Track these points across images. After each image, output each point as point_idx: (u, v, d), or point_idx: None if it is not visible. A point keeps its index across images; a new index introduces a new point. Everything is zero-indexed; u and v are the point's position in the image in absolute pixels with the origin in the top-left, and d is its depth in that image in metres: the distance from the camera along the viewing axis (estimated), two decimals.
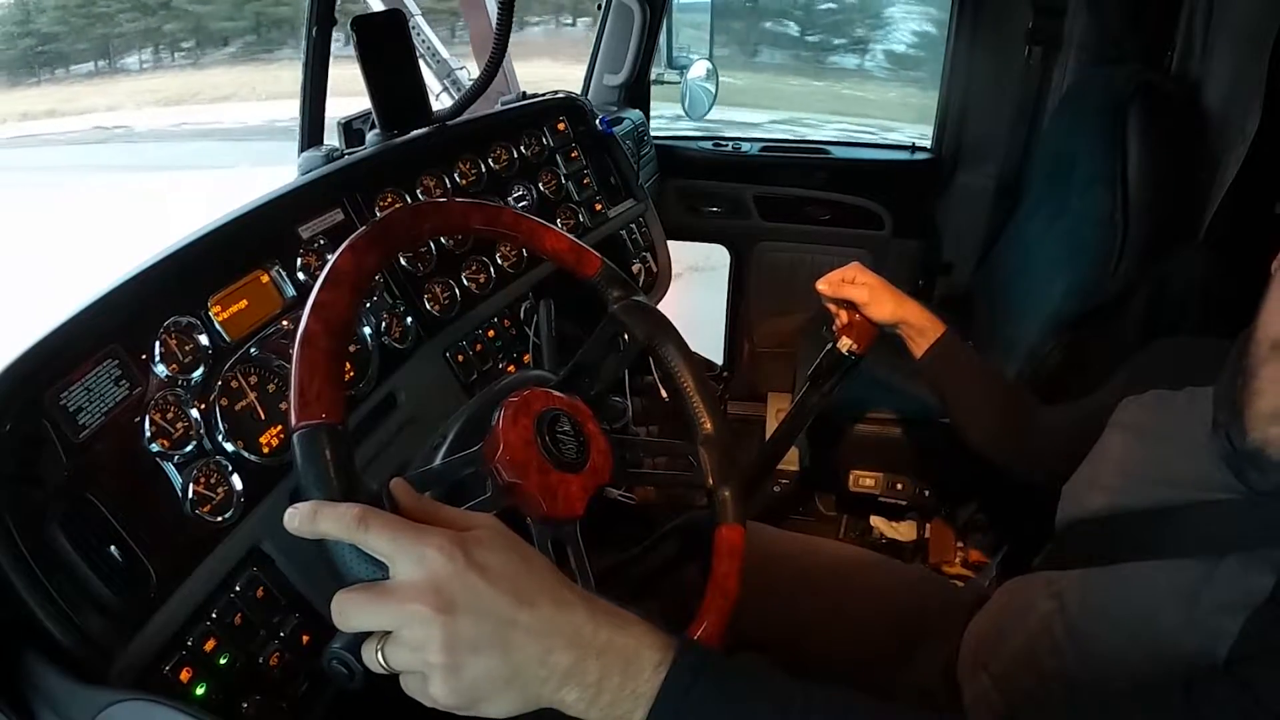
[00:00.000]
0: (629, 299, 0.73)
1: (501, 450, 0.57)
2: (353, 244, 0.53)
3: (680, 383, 0.74)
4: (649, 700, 0.42)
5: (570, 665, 0.41)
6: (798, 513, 1.70)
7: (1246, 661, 0.50)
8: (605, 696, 0.42)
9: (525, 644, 0.41)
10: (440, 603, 0.40)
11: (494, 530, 0.44)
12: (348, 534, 0.41)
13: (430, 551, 0.40)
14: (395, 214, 0.57)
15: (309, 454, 0.44)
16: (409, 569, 0.40)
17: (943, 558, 1.51)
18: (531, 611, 0.41)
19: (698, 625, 0.65)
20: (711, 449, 0.73)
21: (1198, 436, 0.63)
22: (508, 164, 1.17)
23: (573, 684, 0.41)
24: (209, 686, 0.62)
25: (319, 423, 0.45)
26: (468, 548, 0.41)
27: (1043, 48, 1.69)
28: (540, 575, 0.43)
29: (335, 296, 0.50)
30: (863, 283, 0.91)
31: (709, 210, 1.99)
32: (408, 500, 0.45)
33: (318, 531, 0.42)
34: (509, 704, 0.41)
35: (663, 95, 1.93)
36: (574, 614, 0.42)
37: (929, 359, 0.91)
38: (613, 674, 0.42)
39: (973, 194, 1.87)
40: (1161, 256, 1.23)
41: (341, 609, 0.41)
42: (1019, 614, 0.74)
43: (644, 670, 0.42)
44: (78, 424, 0.60)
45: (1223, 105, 1.25)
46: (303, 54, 1.12)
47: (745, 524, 0.71)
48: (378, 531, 0.41)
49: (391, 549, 0.41)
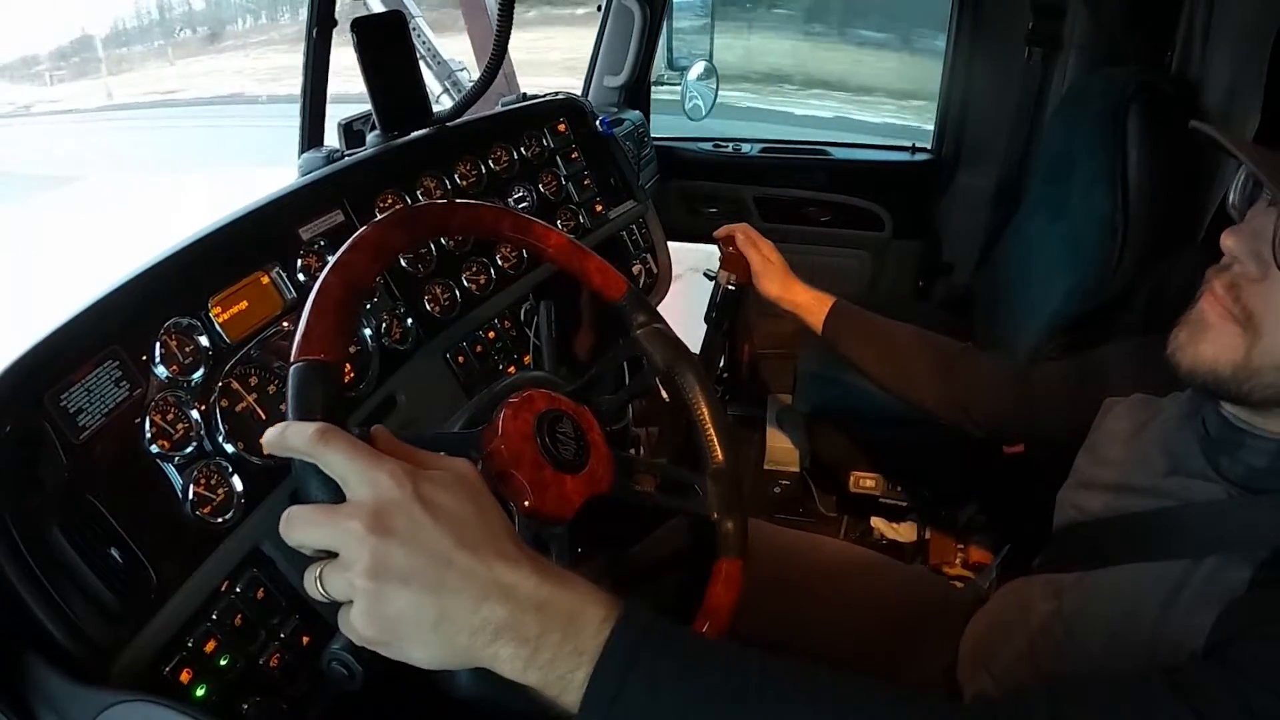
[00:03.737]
0: (652, 325, 0.74)
1: (498, 437, 0.57)
2: (382, 220, 0.55)
3: (696, 412, 0.75)
4: (592, 658, 0.40)
5: (505, 618, 0.39)
6: (798, 513, 1.70)
7: (1224, 644, 0.50)
8: (544, 654, 0.39)
9: (458, 587, 0.39)
10: (377, 525, 0.39)
11: (458, 474, 0.43)
12: (308, 448, 0.41)
13: (382, 476, 0.40)
14: (429, 205, 0.59)
15: (300, 384, 0.45)
16: (358, 490, 0.40)
17: (943, 559, 1.51)
18: (471, 555, 0.40)
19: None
20: (719, 482, 0.73)
21: (1186, 436, 0.64)
22: (508, 165, 1.17)
23: (507, 638, 0.39)
24: (209, 687, 0.62)
25: (316, 359, 0.46)
26: (419, 480, 0.41)
27: (1043, 49, 1.69)
28: (490, 527, 0.42)
29: (357, 258, 0.51)
30: (763, 254, 1.01)
31: (709, 211, 1.99)
32: (382, 438, 0.45)
33: (285, 445, 0.42)
34: (434, 650, 0.40)
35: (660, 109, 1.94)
36: (516, 567, 0.41)
37: (827, 330, 0.96)
38: (552, 630, 0.40)
39: (973, 195, 1.87)
40: (1161, 257, 1.23)
41: (288, 521, 0.41)
42: (1019, 615, 0.74)
43: (587, 627, 0.40)
44: (78, 425, 0.60)
45: (1223, 105, 1.25)
46: (303, 54, 1.13)
47: (745, 557, 0.71)
48: (335, 449, 0.41)
49: (346, 469, 0.41)
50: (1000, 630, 0.77)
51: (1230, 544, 0.56)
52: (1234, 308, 0.54)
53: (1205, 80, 1.30)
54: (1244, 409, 0.59)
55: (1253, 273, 0.53)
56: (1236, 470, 0.59)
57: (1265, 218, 0.53)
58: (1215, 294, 0.56)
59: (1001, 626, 0.77)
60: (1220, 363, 0.55)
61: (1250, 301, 0.54)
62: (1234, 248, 0.54)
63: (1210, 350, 0.56)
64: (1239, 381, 0.55)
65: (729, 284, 1.05)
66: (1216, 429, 0.61)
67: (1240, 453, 0.59)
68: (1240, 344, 0.54)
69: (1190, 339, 0.57)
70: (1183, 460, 0.63)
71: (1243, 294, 0.54)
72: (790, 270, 1.01)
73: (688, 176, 1.98)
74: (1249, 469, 0.58)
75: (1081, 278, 1.28)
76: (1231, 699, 0.43)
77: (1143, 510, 0.65)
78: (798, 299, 0.99)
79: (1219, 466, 0.60)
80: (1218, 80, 1.27)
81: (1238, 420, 0.59)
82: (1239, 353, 0.54)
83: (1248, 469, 0.58)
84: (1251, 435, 0.58)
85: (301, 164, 0.99)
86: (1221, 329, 0.55)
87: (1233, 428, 0.60)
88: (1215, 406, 0.61)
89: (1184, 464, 0.63)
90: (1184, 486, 0.62)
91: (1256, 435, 0.58)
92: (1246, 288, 0.54)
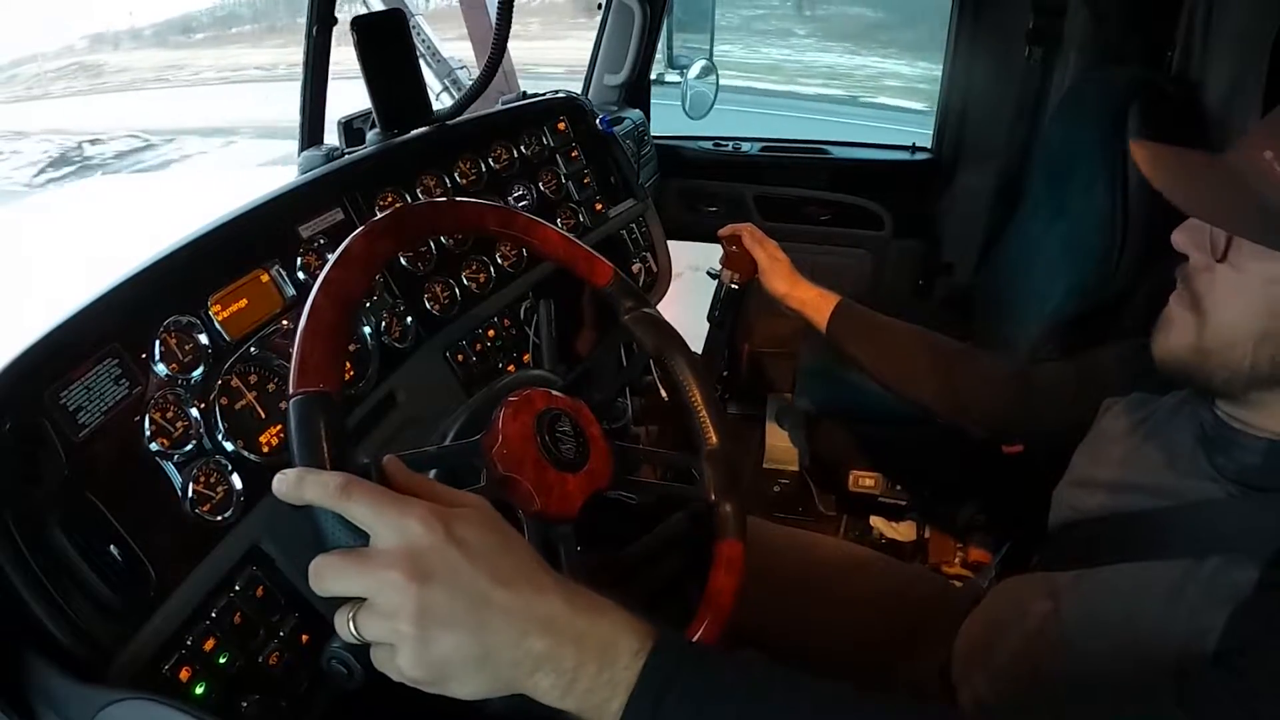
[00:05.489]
0: (640, 310, 0.73)
1: (500, 443, 0.57)
2: (368, 229, 0.53)
3: (688, 396, 0.74)
4: (627, 688, 0.41)
5: (545, 650, 0.40)
6: (797, 512, 1.70)
7: (1235, 652, 0.50)
8: (581, 684, 0.40)
9: (499, 624, 0.40)
10: (416, 572, 0.39)
11: (479, 509, 0.44)
12: (330, 501, 0.41)
13: (411, 522, 0.40)
14: (413, 206, 0.58)
15: (302, 421, 0.44)
16: (389, 538, 0.40)
17: (942, 558, 1.51)
18: (508, 592, 0.40)
19: (690, 634, 0.65)
20: (715, 464, 0.73)
21: (1184, 436, 0.64)
22: (508, 164, 1.17)
23: (547, 669, 0.40)
24: (208, 686, 0.62)
25: (315, 391, 0.45)
26: (449, 521, 0.41)
27: (1043, 48, 1.69)
28: (520, 558, 0.43)
29: (345, 274, 0.50)
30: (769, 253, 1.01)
31: (709, 210, 1.99)
32: (397, 474, 0.44)
33: (302, 497, 0.41)
34: (478, 685, 0.40)
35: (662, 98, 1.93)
36: (551, 599, 0.41)
37: (831, 328, 0.97)
38: (589, 661, 0.41)
39: (973, 194, 1.87)
40: (1161, 257, 1.22)
41: (318, 573, 0.40)
42: (1015, 614, 0.74)
43: (621, 657, 0.41)
44: (77, 423, 0.60)
45: (1223, 105, 1.25)
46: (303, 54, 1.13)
47: (745, 539, 0.71)
48: (360, 499, 0.40)
49: (372, 518, 0.40)
50: (996, 630, 0.77)
51: (1230, 543, 0.56)
52: (1186, 296, 0.60)
53: (1205, 80, 1.30)
54: (1235, 406, 0.60)
55: (1200, 263, 0.58)
56: (1233, 469, 0.60)
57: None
58: (1177, 289, 0.61)
59: (997, 626, 0.77)
60: (1178, 348, 0.60)
61: (1198, 288, 0.58)
62: (1181, 242, 0.59)
63: (1170, 339, 0.61)
64: (1198, 364, 0.59)
65: (732, 283, 1.05)
66: (1212, 427, 0.62)
67: (1235, 451, 0.60)
68: (1192, 329, 0.59)
69: (1159, 333, 0.62)
70: (1180, 459, 0.64)
71: (1193, 282, 0.59)
72: (795, 269, 1.02)
73: (688, 175, 1.98)
74: (1245, 467, 0.59)
75: (1081, 277, 1.28)
76: (1240, 710, 0.44)
77: (1140, 509, 0.65)
78: (804, 297, 0.99)
79: (1216, 465, 0.61)
80: (1218, 80, 1.27)
81: (1231, 419, 0.60)
82: (1191, 336, 0.59)
83: (1244, 467, 0.59)
84: (1244, 433, 0.59)
85: (302, 162, 1.00)
86: (1180, 318, 0.60)
87: (1226, 426, 0.60)
88: (1209, 405, 0.62)
89: (1182, 463, 0.63)
90: (1182, 485, 0.62)
91: (1249, 433, 0.59)
92: (1194, 276, 0.59)
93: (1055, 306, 1.31)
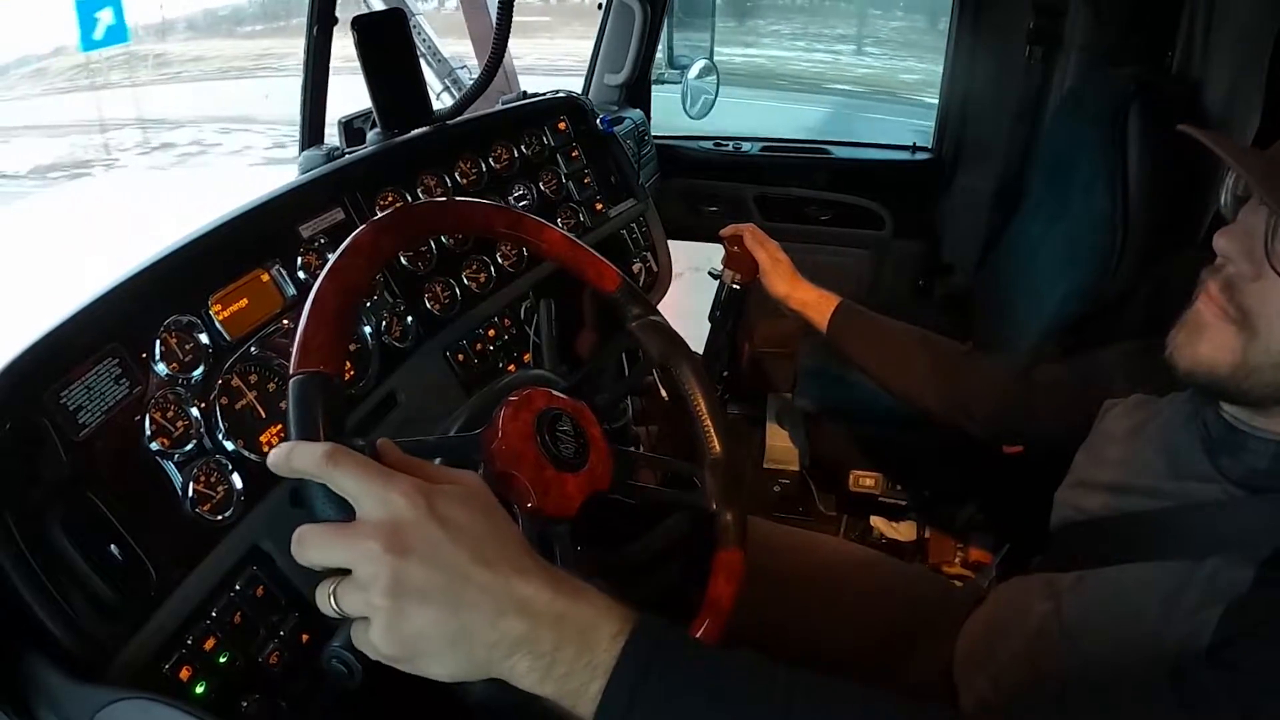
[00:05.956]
0: (647, 317, 0.74)
1: (499, 439, 0.57)
2: (376, 224, 0.54)
3: (692, 404, 0.74)
4: (606, 672, 0.40)
5: (522, 633, 0.40)
6: (797, 512, 1.70)
7: (1228, 646, 0.50)
8: (559, 668, 0.40)
9: (476, 603, 0.40)
10: (394, 544, 0.39)
11: (469, 488, 0.43)
12: (317, 469, 0.40)
13: (394, 495, 0.40)
14: (420, 205, 0.58)
15: (300, 400, 0.45)
16: (372, 510, 0.40)
17: (942, 558, 1.51)
18: (487, 571, 0.40)
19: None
20: (717, 473, 0.73)
21: (1186, 438, 0.64)
22: (508, 163, 1.17)
23: (524, 652, 0.40)
24: (208, 685, 0.62)
25: (315, 371, 0.46)
26: (433, 497, 0.41)
27: (1043, 48, 1.69)
28: (504, 539, 0.42)
29: (351, 263, 0.51)
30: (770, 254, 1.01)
31: (710, 210, 1.99)
32: (389, 453, 0.44)
33: (290, 467, 0.41)
34: (453, 665, 0.40)
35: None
36: (531, 581, 0.41)
37: (832, 328, 0.97)
38: (567, 644, 0.40)
39: (973, 195, 1.87)
40: (1161, 258, 1.23)
41: (300, 541, 0.40)
42: (1016, 615, 0.74)
43: (601, 641, 0.41)
44: (78, 422, 0.60)
45: (1223, 106, 1.25)
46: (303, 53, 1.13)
47: (745, 548, 0.71)
48: (346, 469, 0.40)
49: (357, 489, 0.40)
50: (997, 631, 0.77)
51: (1231, 544, 0.56)
52: (1229, 307, 0.55)
53: (1205, 80, 1.30)
54: (1244, 409, 0.59)
55: (1247, 272, 0.53)
56: (1237, 471, 0.59)
57: (1256, 216, 0.53)
58: (1210, 294, 0.56)
59: (998, 627, 0.77)
60: (1218, 362, 0.55)
61: (1246, 300, 0.54)
62: (1226, 248, 0.55)
63: (1208, 350, 0.56)
64: (1237, 381, 0.55)
65: (734, 283, 1.05)
66: (1217, 430, 0.61)
67: (1241, 454, 0.59)
68: (1237, 343, 0.54)
69: (1188, 340, 0.58)
70: (1183, 461, 0.63)
71: (1238, 293, 0.54)
72: (796, 270, 1.02)
73: (688, 175, 1.98)
74: (1250, 470, 0.59)
75: (1082, 278, 1.28)
76: (1232, 702, 0.44)
77: (1142, 510, 0.65)
78: (805, 297, 1.00)
79: (1220, 467, 0.60)
80: (1218, 80, 1.27)
81: (1238, 421, 0.59)
82: (1236, 352, 0.54)
83: (1248, 470, 0.59)
84: (1253, 437, 0.58)
85: (302, 161, 0.99)
86: (1218, 329, 0.55)
87: (1233, 429, 0.60)
88: (1215, 407, 0.61)
89: (1184, 465, 0.63)
90: (1184, 487, 0.62)
91: (1258, 436, 0.58)
92: (1242, 287, 0.54)
93: (1055, 307, 1.31)
